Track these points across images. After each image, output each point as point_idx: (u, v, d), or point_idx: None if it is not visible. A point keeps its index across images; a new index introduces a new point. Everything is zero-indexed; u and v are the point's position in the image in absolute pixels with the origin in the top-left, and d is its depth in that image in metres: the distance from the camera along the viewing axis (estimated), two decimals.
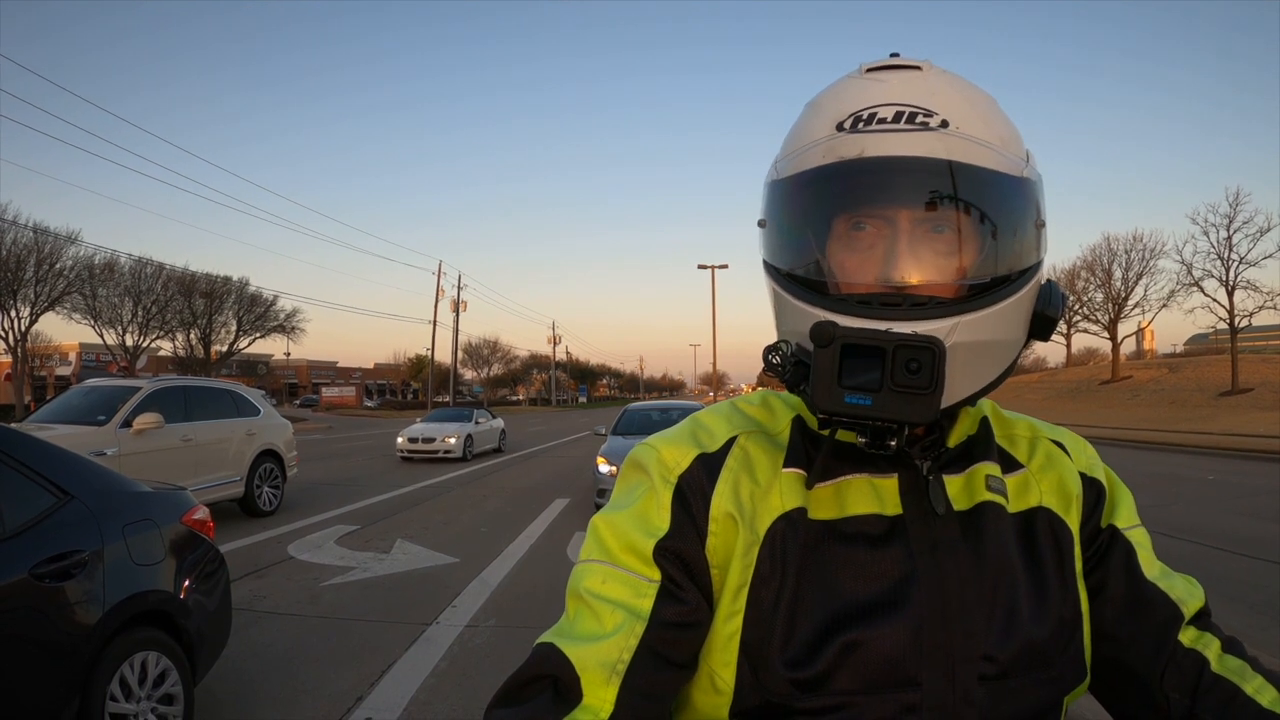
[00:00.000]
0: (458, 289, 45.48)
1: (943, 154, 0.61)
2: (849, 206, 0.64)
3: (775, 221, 0.70)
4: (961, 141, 0.62)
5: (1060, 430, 0.80)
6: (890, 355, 0.56)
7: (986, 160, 0.63)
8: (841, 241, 0.65)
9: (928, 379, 0.56)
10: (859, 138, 0.63)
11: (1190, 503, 9.09)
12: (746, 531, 0.65)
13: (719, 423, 0.73)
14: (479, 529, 7.69)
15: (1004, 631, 0.63)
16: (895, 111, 0.63)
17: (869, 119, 0.63)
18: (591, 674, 0.60)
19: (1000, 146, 0.64)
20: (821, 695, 0.61)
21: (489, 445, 17.32)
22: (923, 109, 0.63)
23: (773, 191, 0.70)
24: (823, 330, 0.57)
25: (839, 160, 0.64)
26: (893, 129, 0.62)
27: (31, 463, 2.51)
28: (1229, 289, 29.74)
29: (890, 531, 0.65)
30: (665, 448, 0.70)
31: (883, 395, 0.56)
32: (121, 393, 7.50)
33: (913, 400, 0.56)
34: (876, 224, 0.63)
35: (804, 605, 0.63)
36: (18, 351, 30.77)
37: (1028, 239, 0.66)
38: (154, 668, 2.65)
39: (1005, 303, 0.63)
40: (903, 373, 0.56)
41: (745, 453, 0.70)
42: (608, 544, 0.66)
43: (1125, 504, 0.75)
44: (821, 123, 0.67)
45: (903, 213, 0.62)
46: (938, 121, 0.62)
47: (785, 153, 0.70)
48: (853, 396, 0.57)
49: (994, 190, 0.64)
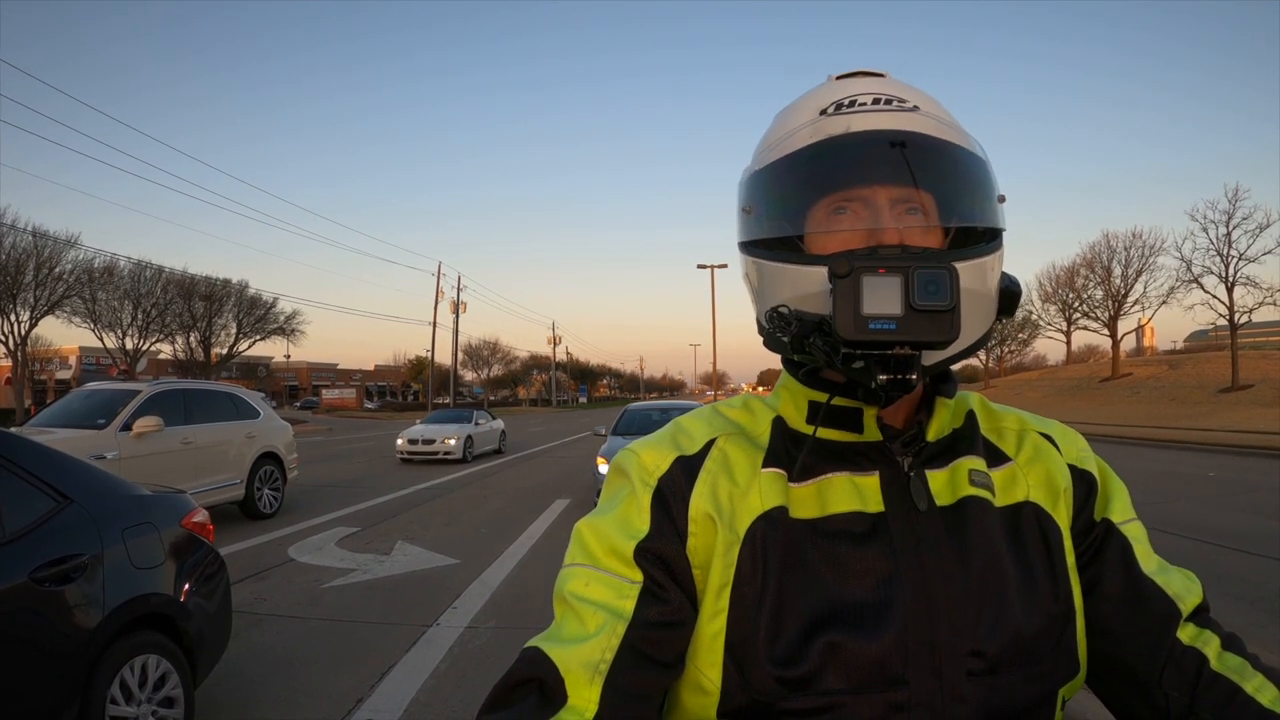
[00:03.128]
0: (457, 290, 45.49)
1: (922, 129, 0.67)
2: (840, 177, 0.67)
3: (763, 203, 0.72)
4: (935, 121, 0.68)
5: (1049, 423, 0.80)
6: (909, 277, 0.58)
7: (957, 139, 0.69)
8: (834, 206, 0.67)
9: (947, 296, 0.58)
10: (844, 117, 0.68)
11: (1191, 499, 9.09)
12: (726, 531, 0.66)
13: (699, 426, 0.74)
14: (479, 530, 7.69)
15: (991, 626, 0.63)
16: (874, 97, 0.69)
17: (850, 103, 0.69)
18: (575, 675, 0.60)
19: (961, 129, 0.70)
20: (809, 695, 0.61)
21: (489, 446, 17.32)
22: (896, 96, 0.69)
23: (758, 178, 0.73)
24: (841, 262, 0.59)
25: (827, 136, 0.67)
26: (874, 109, 0.68)
27: (31, 467, 2.51)
28: (1229, 285, 29.73)
29: (873, 529, 0.66)
30: (645, 452, 0.72)
31: (905, 317, 0.58)
32: (121, 396, 7.50)
33: (935, 319, 0.58)
34: (867, 189, 0.66)
35: (788, 605, 0.63)
36: (18, 355, 30.78)
37: (996, 207, 0.70)
38: (154, 671, 2.65)
39: (987, 257, 0.67)
40: (924, 293, 0.58)
41: (724, 454, 0.71)
42: (590, 547, 0.68)
43: (1119, 497, 0.75)
44: (802, 114, 0.71)
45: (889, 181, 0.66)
46: (910, 105, 0.69)
47: (765, 145, 0.73)
48: (876, 322, 0.58)
49: (967, 163, 0.69)
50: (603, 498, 0.74)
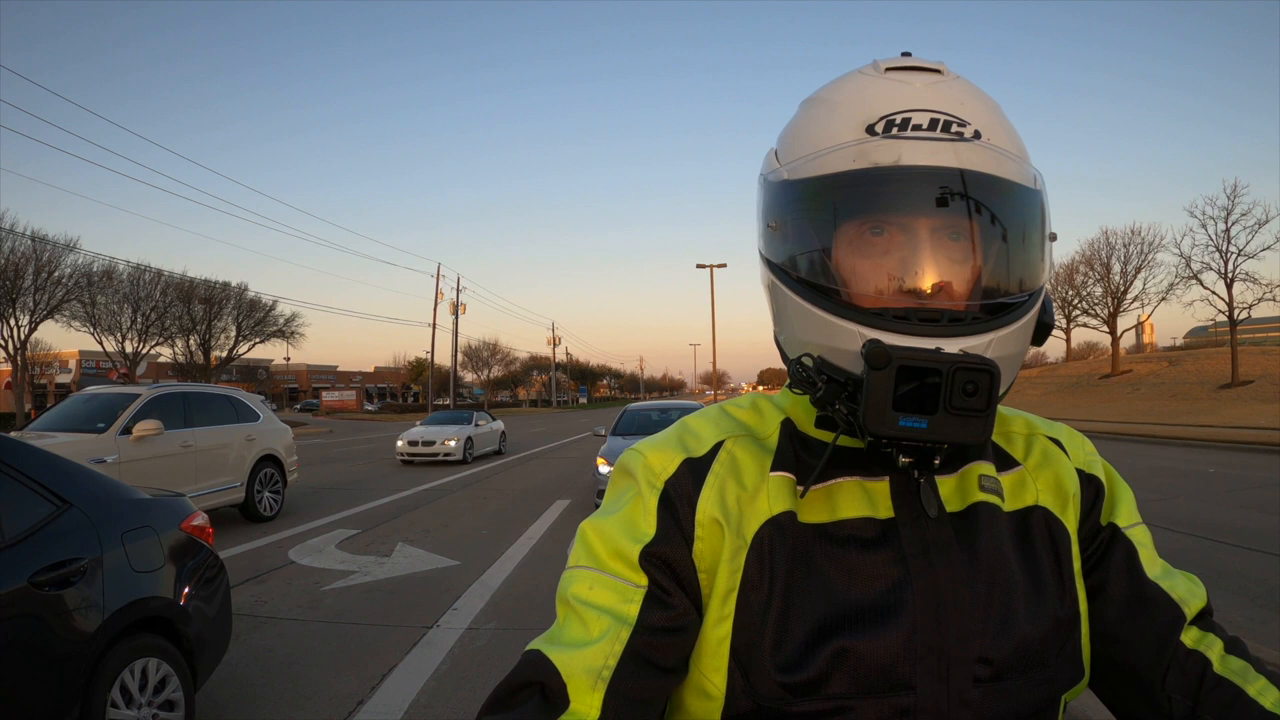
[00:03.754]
0: (457, 291, 45.49)
1: (979, 166, 0.61)
2: (884, 214, 0.62)
3: (792, 224, 0.67)
4: (995, 155, 0.62)
5: (1057, 426, 0.79)
6: (949, 378, 0.56)
7: (1015, 174, 0.63)
8: (874, 250, 0.63)
9: (984, 400, 0.56)
10: (895, 144, 0.61)
11: (1191, 496, 9.08)
12: (733, 536, 0.65)
13: (706, 427, 0.72)
14: (479, 531, 7.68)
15: (999, 633, 0.63)
16: (930, 118, 0.62)
17: (903, 124, 0.62)
18: (577, 680, 0.60)
19: (1021, 159, 0.65)
20: (815, 699, 0.61)
21: (489, 447, 17.32)
22: (956, 118, 0.63)
23: (788, 191, 0.67)
24: (878, 353, 0.56)
25: (873, 166, 0.61)
26: (929, 136, 0.61)
27: (30, 471, 2.51)
28: (1228, 281, 29.75)
29: (882, 535, 0.65)
30: (652, 453, 0.70)
31: (939, 418, 0.56)
32: (121, 400, 7.50)
33: (968, 422, 0.56)
34: (910, 234, 0.62)
35: (795, 610, 0.62)
36: (18, 360, 30.76)
37: (1045, 254, 0.66)
38: (154, 674, 2.65)
39: (1028, 316, 0.64)
40: (960, 395, 0.56)
41: (732, 457, 0.69)
42: (595, 549, 0.66)
43: (1125, 501, 0.74)
44: (845, 124, 0.64)
45: (939, 224, 0.61)
46: (971, 132, 0.62)
47: (802, 152, 0.67)
48: (908, 420, 0.56)
49: (1021, 204, 0.64)
50: (607, 497, 0.72)
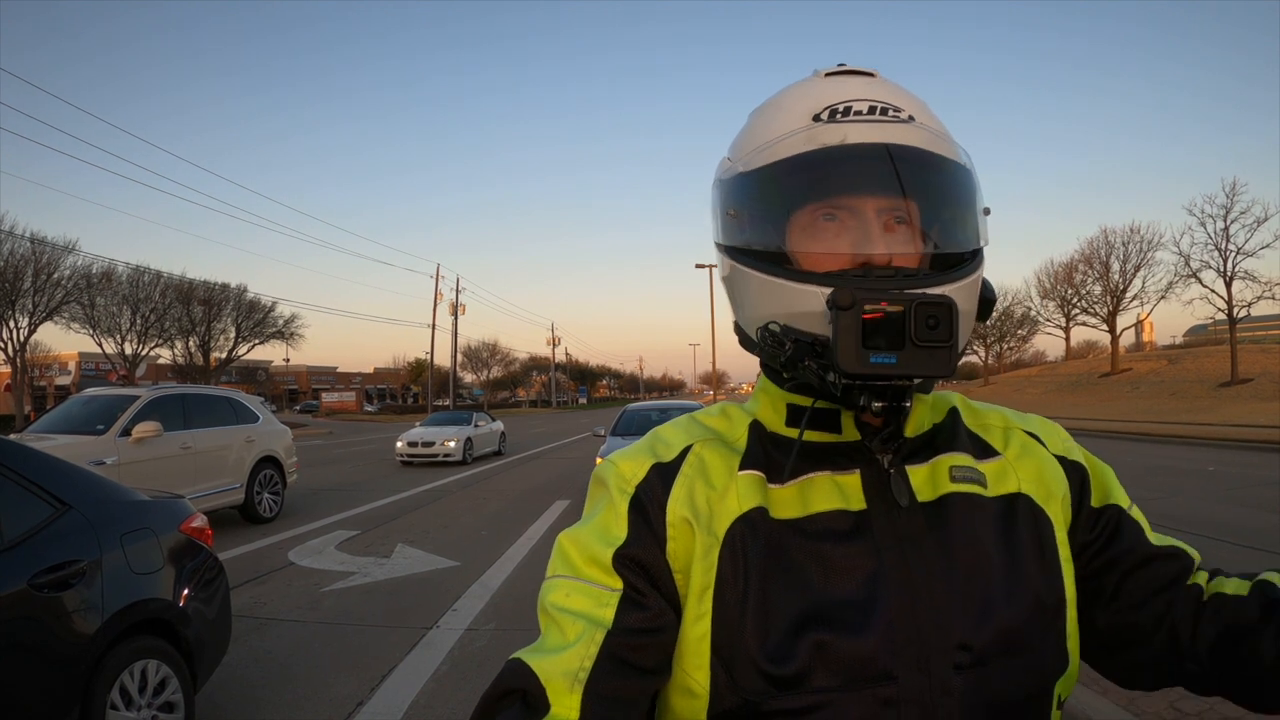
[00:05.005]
0: (456, 292, 45.46)
1: (917, 143, 0.67)
2: (834, 191, 0.66)
3: (751, 209, 0.71)
4: (930, 134, 0.68)
5: (1030, 418, 0.81)
6: (911, 312, 0.59)
7: (949, 152, 0.69)
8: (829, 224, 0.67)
9: (947, 333, 0.59)
10: (840, 126, 0.67)
11: (1191, 495, 9.08)
12: (704, 534, 0.67)
13: (676, 434, 0.75)
14: (479, 532, 7.69)
15: (978, 619, 0.64)
16: (869, 105, 0.68)
17: (845, 110, 0.67)
18: (555, 683, 0.61)
19: (952, 140, 0.70)
20: (799, 694, 0.61)
21: (489, 448, 17.31)
22: (892, 105, 0.68)
23: (745, 182, 0.72)
24: (843, 294, 0.60)
25: (823, 146, 0.66)
26: (870, 119, 0.67)
27: (29, 473, 2.52)
28: (1227, 280, 29.80)
29: (856, 527, 0.66)
30: (623, 462, 0.73)
31: (906, 352, 0.59)
32: (120, 401, 7.51)
33: (934, 354, 0.59)
34: (860, 206, 0.66)
35: (773, 604, 0.63)
36: (17, 362, 30.76)
37: (983, 221, 0.71)
38: (154, 675, 2.66)
39: (974, 275, 0.68)
40: (924, 329, 0.59)
41: (700, 459, 0.71)
42: (571, 558, 0.68)
43: (1115, 483, 0.77)
44: (792, 117, 0.69)
45: (885, 197, 0.66)
46: (906, 116, 0.68)
47: (752, 147, 0.71)
48: (878, 356, 0.59)
49: (957, 177, 0.69)
50: (585, 510, 0.75)
